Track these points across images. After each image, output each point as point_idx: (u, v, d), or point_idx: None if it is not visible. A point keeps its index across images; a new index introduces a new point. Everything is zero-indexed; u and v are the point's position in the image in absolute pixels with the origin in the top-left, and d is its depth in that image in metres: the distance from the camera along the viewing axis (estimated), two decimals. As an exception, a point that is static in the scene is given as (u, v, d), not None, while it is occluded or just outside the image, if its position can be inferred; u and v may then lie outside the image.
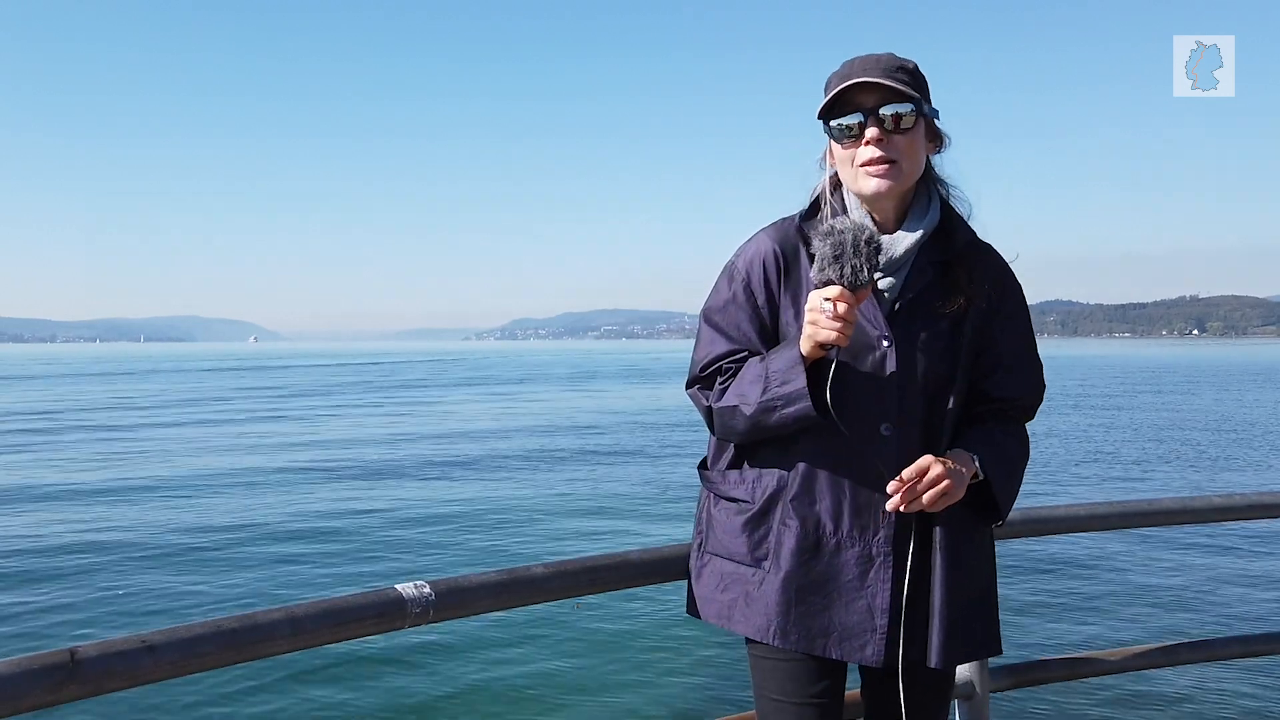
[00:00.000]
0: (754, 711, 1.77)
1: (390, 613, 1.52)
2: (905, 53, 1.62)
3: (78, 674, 1.23)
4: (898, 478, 1.54)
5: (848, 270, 1.46)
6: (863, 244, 1.46)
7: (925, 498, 1.52)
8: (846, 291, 1.47)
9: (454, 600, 1.60)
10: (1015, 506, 1.74)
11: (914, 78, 1.59)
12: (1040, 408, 1.79)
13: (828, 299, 1.47)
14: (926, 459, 1.54)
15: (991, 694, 2.22)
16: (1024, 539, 2.10)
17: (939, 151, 1.68)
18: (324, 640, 1.48)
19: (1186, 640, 2.59)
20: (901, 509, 1.54)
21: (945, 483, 1.53)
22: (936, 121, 1.65)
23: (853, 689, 1.81)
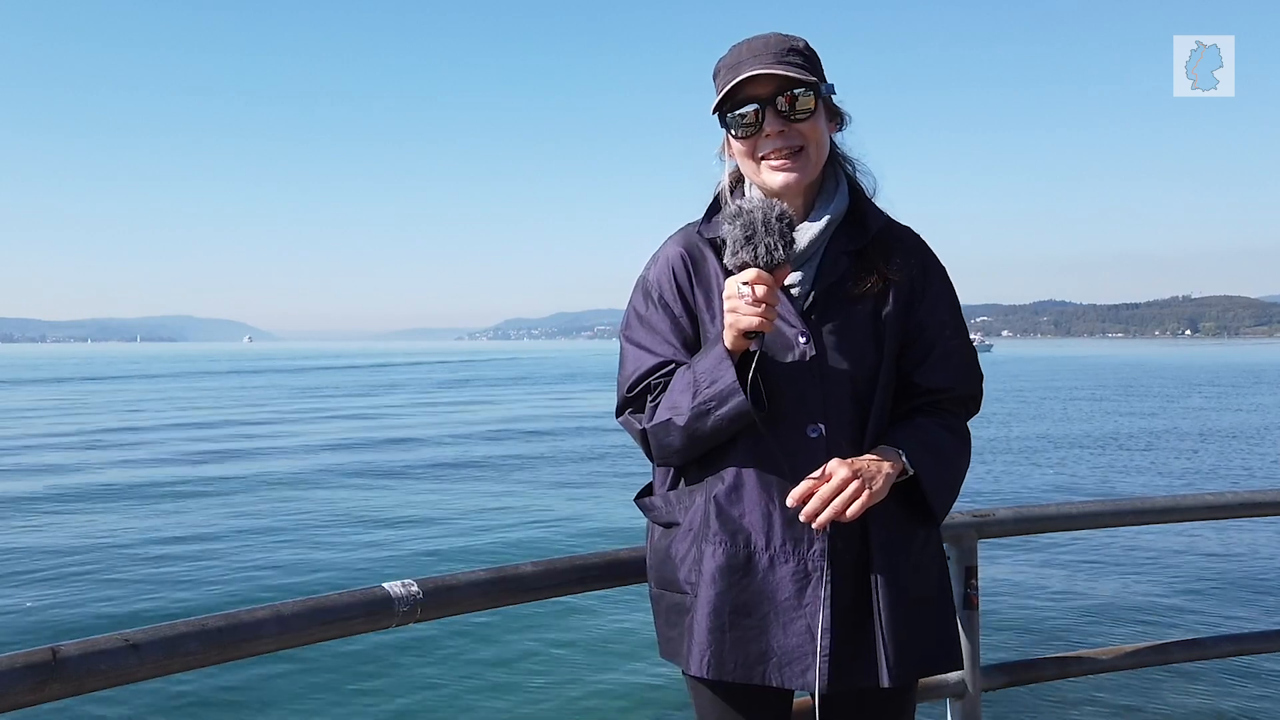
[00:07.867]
0: None
1: (377, 611, 1.51)
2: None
3: (60, 673, 1.21)
4: (793, 491, 1.42)
5: (761, 250, 1.38)
6: (774, 220, 1.39)
7: (833, 505, 1.39)
8: (763, 273, 1.38)
9: (442, 599, 1.58)
10: (1009, 504, 1.68)
11: (806, 58, 1.51)
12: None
13: (745, 283, 1.38)
14: (831, 463, 1.42)
15: (984, 693, 2.21)
16: (1017, 537, 2.08)
17: (840, 129, 1.60)
18: (311, 639, 1.46)
19: (1179, 639, 2.58)
20: (814, 523, 1.41)
21: (854, 485, 1.40)
22: (835, 99, 1.56)
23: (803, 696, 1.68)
